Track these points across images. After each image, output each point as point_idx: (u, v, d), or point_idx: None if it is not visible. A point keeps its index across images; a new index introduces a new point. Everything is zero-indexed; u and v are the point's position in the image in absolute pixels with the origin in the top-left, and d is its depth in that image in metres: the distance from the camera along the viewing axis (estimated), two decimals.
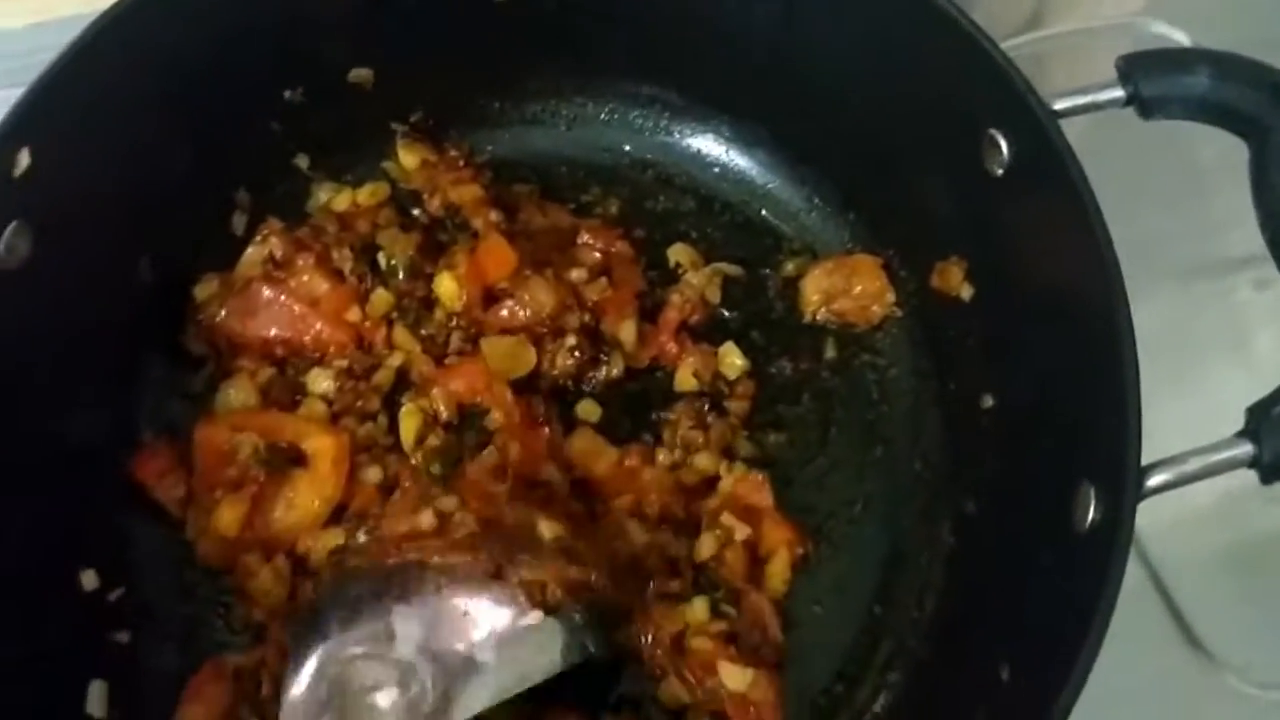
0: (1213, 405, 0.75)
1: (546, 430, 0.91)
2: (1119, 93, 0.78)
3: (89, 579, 0.82)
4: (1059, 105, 0.78)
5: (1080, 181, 0.75)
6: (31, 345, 0.80)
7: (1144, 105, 0.78)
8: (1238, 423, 0.72)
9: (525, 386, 0.92)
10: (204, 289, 0.93)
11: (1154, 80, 0.78)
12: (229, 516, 0.85)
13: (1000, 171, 0.83)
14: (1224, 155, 0.79)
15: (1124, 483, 0.69)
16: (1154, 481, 0.70)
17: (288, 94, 0.95)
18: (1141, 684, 0.98)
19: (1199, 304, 1.13)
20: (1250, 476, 0.71)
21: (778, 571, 0.89)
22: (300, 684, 0.77)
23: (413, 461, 0.89)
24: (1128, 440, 0.70)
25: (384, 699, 0.76)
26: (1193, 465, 0.70)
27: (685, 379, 0.95)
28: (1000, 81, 0.79)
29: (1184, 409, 0.74)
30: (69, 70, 0.78)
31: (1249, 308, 1.13)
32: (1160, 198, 1.12)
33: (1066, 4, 1.33)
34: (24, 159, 0.76)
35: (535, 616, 0.80)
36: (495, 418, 0.89)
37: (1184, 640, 0.99)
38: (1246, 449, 0.70)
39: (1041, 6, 1.32)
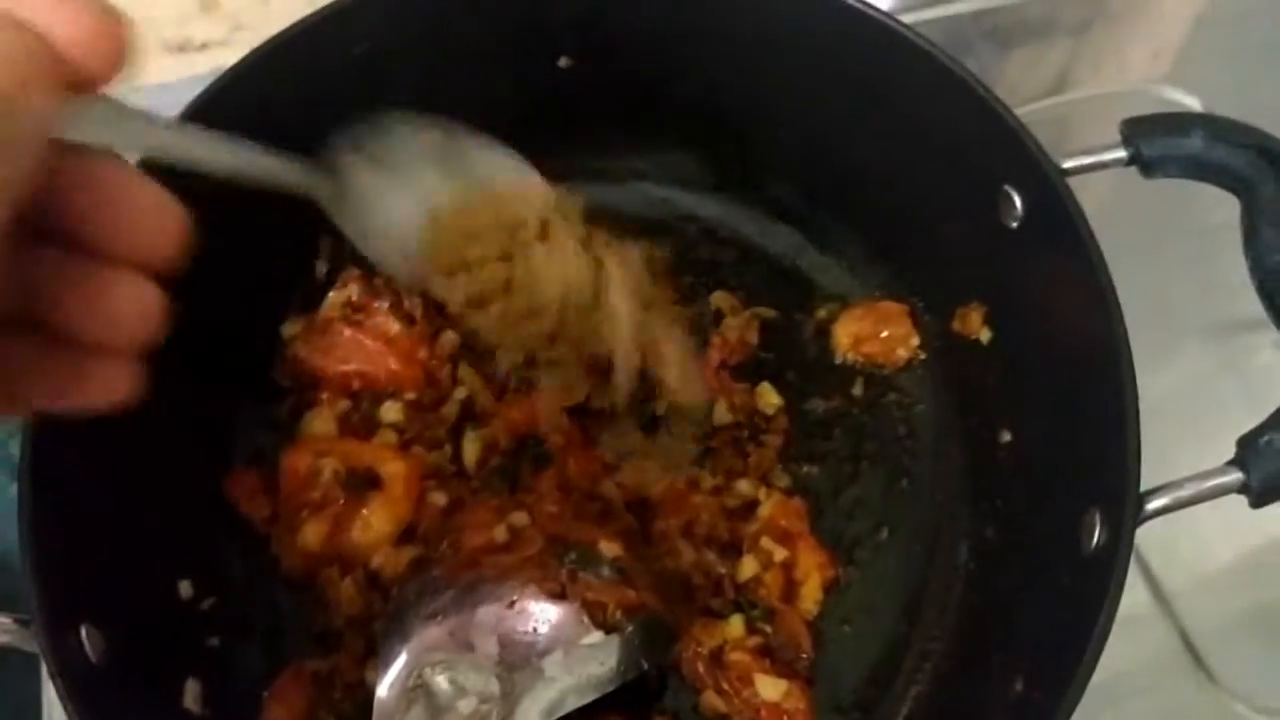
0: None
1: (600, 451, 0.98)
2: (1122, 153, 0.84)
3: (185, 588, 0.89)
4: (1067, 164, 0.84)
5: (1085, 232, 0.81)
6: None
7: (1145, 164, 0.84)
8: None
9: (578, 414, 0.99)
10: (290, 328, 1.01)
11: (1153, 142, 0.84)
12: (313, 533, 0.92)
13: (1015, 225, 0.89)
14: (1234, 218, 0.86)
15: (1125, 506, 0.75)
16: (1153, 505, 0.75)
17: None
18: (1151, 709, 1.04)
19: (1221, 365, 1.17)
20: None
21: (810, 593, 0.95)
22: (387, 682, 0.82)
23: (473, 484, 0.97)
24: (1128, 468, 0.76)
25: (465, 706, 0.81)
26: (1188, 490, 0.76)
27: (723, 414, 1.01)
28: (1014, 143, 0.85)
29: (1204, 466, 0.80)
30: None
31: (1273, 370, 1.16)
32: (1177, 259, 1.16)
33: (1090, 70, 1.41)
34: None
35: (597, 635, 0.85)
36: (554, 439, 0.97)
37: (1194, 668, 1.05)
38: (1236, 476, 0.75)
39: (1067, 72, 1.40)
